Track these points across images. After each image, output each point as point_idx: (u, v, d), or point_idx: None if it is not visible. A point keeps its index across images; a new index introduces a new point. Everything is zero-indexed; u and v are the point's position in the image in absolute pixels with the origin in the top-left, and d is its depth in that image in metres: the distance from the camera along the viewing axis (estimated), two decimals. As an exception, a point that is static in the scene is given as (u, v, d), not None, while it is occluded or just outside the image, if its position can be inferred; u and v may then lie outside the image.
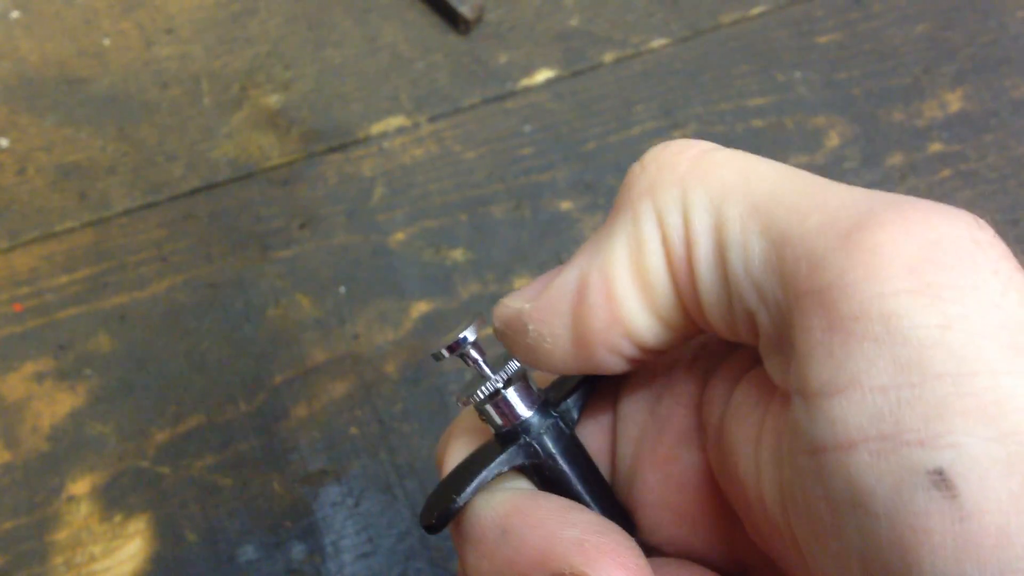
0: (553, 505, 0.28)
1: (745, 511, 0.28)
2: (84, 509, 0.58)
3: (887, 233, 0.22)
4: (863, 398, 0.21)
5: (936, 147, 0.70)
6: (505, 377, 0.30)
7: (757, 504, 0.26)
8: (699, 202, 0.26)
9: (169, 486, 0.59)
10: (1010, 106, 0.72)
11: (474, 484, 0.29)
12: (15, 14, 0.74)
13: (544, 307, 0.28)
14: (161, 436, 0.60)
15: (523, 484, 0.31)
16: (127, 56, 0.72)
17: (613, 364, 0.28)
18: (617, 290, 0.27)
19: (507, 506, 0.28)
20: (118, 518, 0.58)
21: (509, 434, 0.30)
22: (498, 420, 0.30)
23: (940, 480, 0.20)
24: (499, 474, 0.29)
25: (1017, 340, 0.21)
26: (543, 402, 0.30)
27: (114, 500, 0.58)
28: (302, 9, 0.75)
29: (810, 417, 0.22)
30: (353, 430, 0.60)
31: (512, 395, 0.30)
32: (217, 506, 0.58)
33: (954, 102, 0.72)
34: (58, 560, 0.57)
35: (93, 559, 0.57)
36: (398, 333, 0.63)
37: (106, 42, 0.73)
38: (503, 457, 0.29)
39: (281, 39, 0.73)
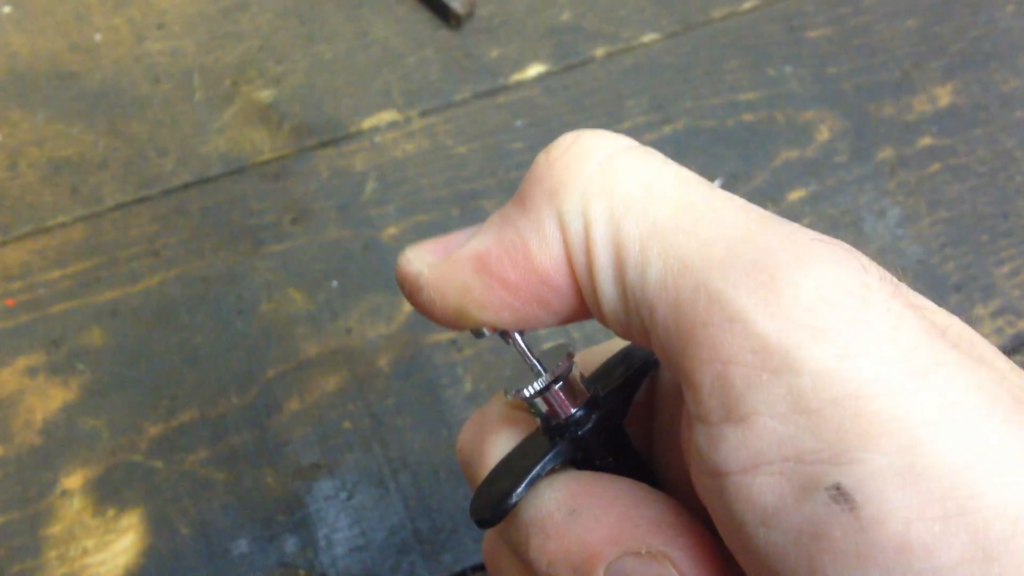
0: (623, 485, 0.28)
1: None
2: (77, 503, 0.58)
3: (785, 275, 0.23)
4: (764, 425, 0.22)
5: (926, 141, 0.70)
6: (557, 372, 0.30)
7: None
8: (600, 215, 0.26)
9: (162, 480, 0.59)
10: (999, 100, 0.72)
11: (529, 478, 0.29)
12: (6, 9, 0.74)
13: (441, 277, 0.29)
14: (154, 430, 0.60)
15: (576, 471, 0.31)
16: (118, 51, 0.72)
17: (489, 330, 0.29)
18: (512, 281, 0.27)
19: (573, 487, 0.29)
20: (111, 512, 0.58)
21: (558, 427, 0.30)
22: (547, 414, 0.30)
23: (838, 494, 0.21)
24: (554, 468, 0.29)
25: (912, 364, 0.22)
26: (592, 395, 0.31)
27: (107, 494, 0.59)
28: (293, 4, 0.75)
29: (711, 444, 0.23)
30: (346, 424, 0.61)
31: (562, 389, 0.30)
32: (210, 500, 0.59)
33: (944, 96, 0.72)
34: (51, 554, 0.57)
35: (86, 553, 0.57)
36: (390, 327, 0.63)
37: (97, 37, 0.73)
38: (556, 451, 0.29)
39: (272, 34, 0.73)
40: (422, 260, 0.29)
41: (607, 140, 0.27)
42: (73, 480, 0.59)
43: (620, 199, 0.26)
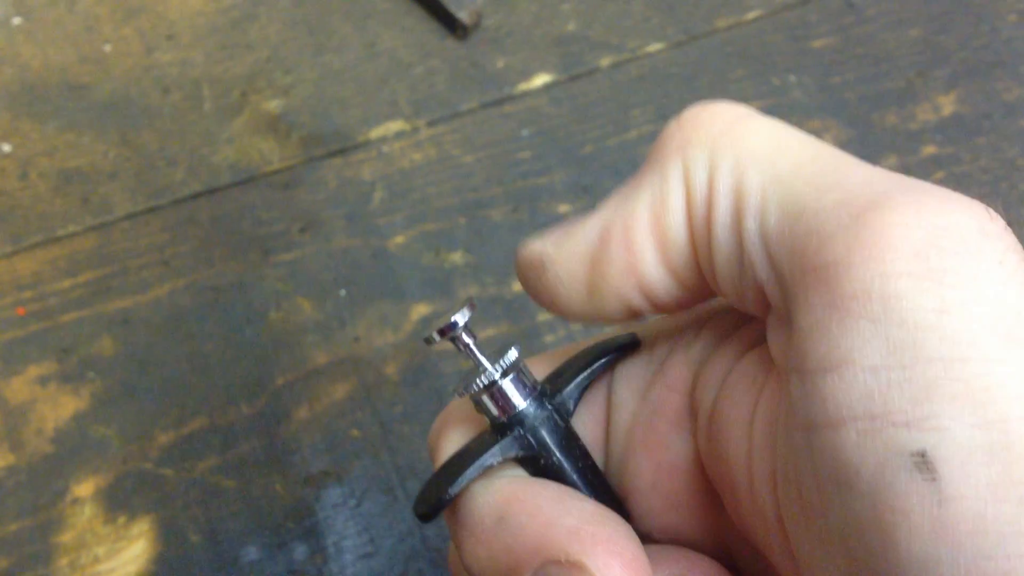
0: (550, 493, 0.29)
1: (730, 494, 0.28)
2: (88, 511, 0.59)
3: (897, 216, 0.22)
4: (854, 377, 0.21)
5: (929, 150, 0.71)
6: (502, 368, 0.30)
7: (745, 486, 0.27)
8: (725, 165, 0.26)
9: (172, 488, 0.59)
10: (1002, 109, 0.73)
11: (466, 474, 0.29)
12: (17, 20, 0.74)
13: (565, 251, 0.29)
14: (164, 438, 0.61)
15: (520, 472, 0.31)
16: (128, 62, 0.73)
17: (619, 315, 0.29)
18: (636, 240, 0.27)
19: (504, 493, 0.29)
20: (122, 520, 0.59)
21: (504, 425, 0.30)
22: (493, 411, 0.30)
23: (922, 462, 0.20)
24: (492, 465, 0.29)
25: (1013, 330, 0.21)
26: (539, 393, 0.31)
27: (118, 502, 0.59)
28: (302, 15, 0.75)
29: (804, 394, 0.23)
30: (354, 432, 0.61)
31: (508, 386, 0.30)
32: (220, 507, 0.59)
33: (947, 105, 0.73)
34: (63, 562, 0.57)
35: (97, 560, 0.57)
36: (398, 336, 0.64)
37: (107, 48, 0.74)
38: (496, 448, 0.29)
39: (281, 44, 0.74)
40: (542, 242, 0.29)
41: (734, 105, 0.28)
42: (84, 488, 0.59)
43: (747, 151, 0.26)
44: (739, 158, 0.26)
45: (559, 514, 0.27)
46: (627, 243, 0.27)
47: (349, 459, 0.60)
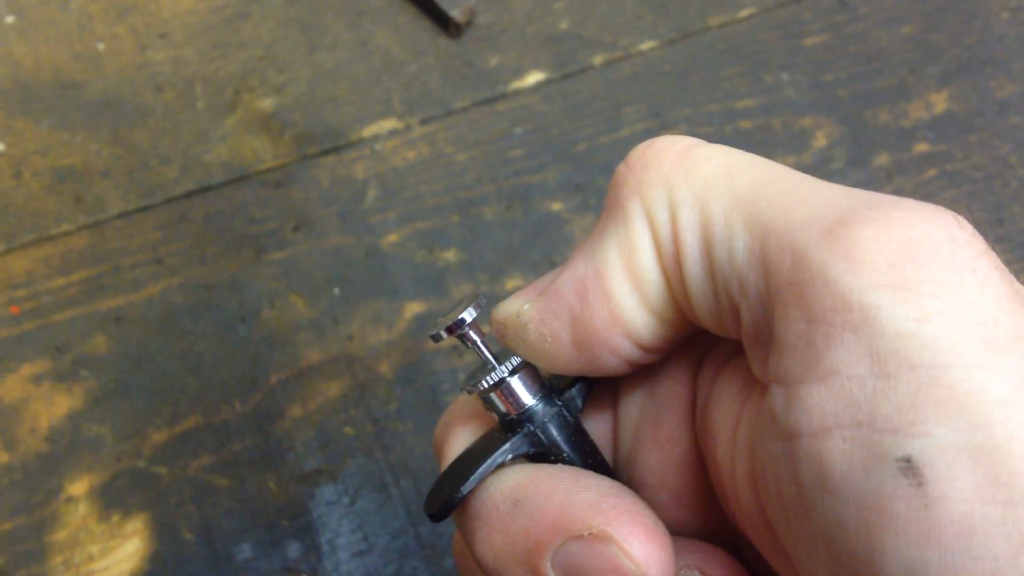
0: (565, 473, 0.29)
1: (722, 493, 0.29)
2: (82, 509, 0.59)
3: (869, 230, 0.23)
4: (841, 386, 0.22)
5: (922, 147, 0.71)
6: (511, 366, 0.30)
7: (731, 487, 0.27)
8: (684, 199, 0.26)
9: (166, 486, 0.60)
10: (995, 106, 0.73)
11: (478, 472, 0.29)
12: (10, 19, 0.74)
13: (543, 308, 0.29)
14: (158, 437, 0.61)
15: (529, 466, 0.31)
16: (121, 60, 0.73)
17: (615, 365, 0.29)
18: (613, 289, 0.27)
19: (517, 478, 0.29)
20: (116, 518, 0.59)
21: (513, 422, 0.30)
22: (502, 408, 0.30)
23: (908, 468, 0.21)
24: (503, 463, 0.29)
25: (992, 336, 0.21)
26: (548, 390, 0.31)
27: (112, 500, 0.59)
28: (294, 13, 0.75)
29: (787, 404, 0.23)
30: (348, 430, 0.61)
31: (517, 383, 0.30)
32: (214, 505, 0.59)
33: (939, 103, 0.73)
34: (57, 560, 0.57)
35: (91, 559, 0.57)
36: (391, 333, 0.64)
37: (100, 47, 0.74)
38: (507, 445, 0.30)
39: (274, 43, 0.74)
40: (518, 302, 0.30)
41: (678, 138, 0.28)
42: (78, 486, 0.59)
43: (702, 182, 0.26)
44: (696, 189, 0.26)
45: (577, 490, 0.28)
46: (604, 293, 0.27)
47: (343, 457, 0.60)
